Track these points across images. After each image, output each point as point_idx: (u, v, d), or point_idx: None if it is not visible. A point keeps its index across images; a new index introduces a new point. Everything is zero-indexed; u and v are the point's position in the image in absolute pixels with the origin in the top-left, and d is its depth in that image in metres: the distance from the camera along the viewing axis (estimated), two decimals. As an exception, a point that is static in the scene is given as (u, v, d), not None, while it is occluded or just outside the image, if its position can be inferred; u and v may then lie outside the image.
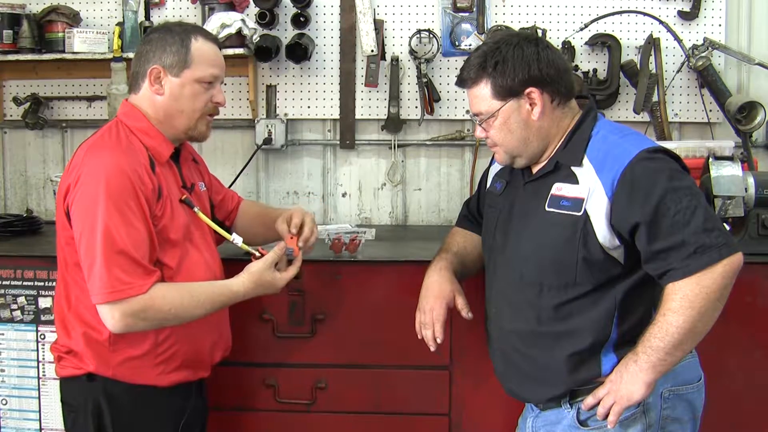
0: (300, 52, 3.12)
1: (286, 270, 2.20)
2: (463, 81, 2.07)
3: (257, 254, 2.18)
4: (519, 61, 1.97)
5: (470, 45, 3.14)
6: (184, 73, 2.09)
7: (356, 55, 3.23)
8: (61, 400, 2.17)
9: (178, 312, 2.00)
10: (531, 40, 2.02)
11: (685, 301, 1.82)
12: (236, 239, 2.20)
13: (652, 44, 3.09)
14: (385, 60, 3.22)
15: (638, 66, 3.12)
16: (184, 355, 2.12)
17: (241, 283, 2.12)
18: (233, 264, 2.25)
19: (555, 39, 3.14)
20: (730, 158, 2.58)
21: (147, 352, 2.06)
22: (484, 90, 2.01)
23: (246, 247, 2.20)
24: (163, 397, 2.11)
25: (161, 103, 2.11)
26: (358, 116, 3.27)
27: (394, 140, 3.28)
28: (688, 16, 3.16)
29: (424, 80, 3.17)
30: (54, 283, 2.16)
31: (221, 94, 2.18)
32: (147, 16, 3.19)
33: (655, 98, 3.10)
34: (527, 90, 1.98)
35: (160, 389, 2.10)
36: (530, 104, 1.99)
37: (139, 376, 2.07)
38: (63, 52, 3.07)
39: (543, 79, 1.98)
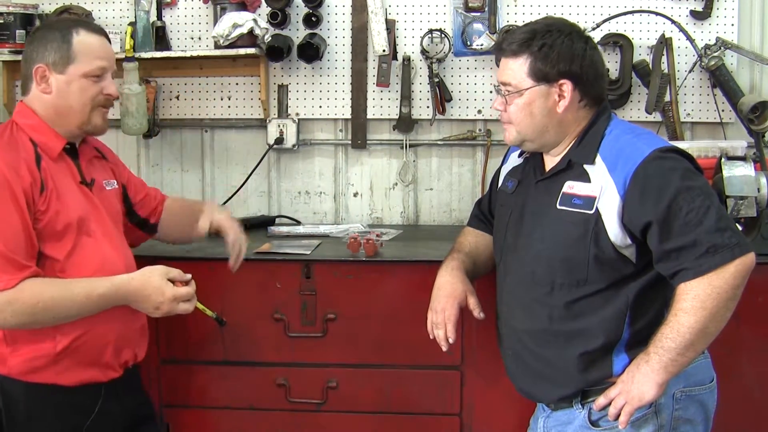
0: (311, 51, 3.12)
1: (180, 286, 2.10)
2: (501, 50, 2.05)
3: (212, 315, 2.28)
4: (566, 52, 1.97)
5: (482, 45, 3.13)
6: (69, 69, 2.07)
7: (368, 55, 3.23)
8: None
9: (47, 305, 1.94)
10: (582, 36, 2.02)
11: (696, 302, 1.82)
12: (207, 311, 2.28)
13: (664, 44, 3.08)
14: (397, 60, 3.21)
15: (650, 66, 3.10)
16: (85, 353, 2.05)
17: (128, 277, 2.06)
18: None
19: (567, 39, 3.13)
20: (743, 158, 2.58)
21: (46, 349, 2.01)
22: (520, 65, 2.00)
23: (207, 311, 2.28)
24: (64, 397, 2.05)
25: (50, 101, 2.08)
26: (369, 116, 3.27)
27: (406, 140, 3.27)
28: (701, 15, 3.15)
29: (436, 80, 3.17)
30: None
31: (113, 85, 2.14)
32: (159, 16, 3.20)
33: (667, 98, 3.08)
34: (561, 81, 1.98)
35: (61, 388, 2.04)
36: (559, 95, 1.99)
37: (37, 374, 2.01)
38: (75, 52, 3.08)
39: (581, 77, 1.98)
